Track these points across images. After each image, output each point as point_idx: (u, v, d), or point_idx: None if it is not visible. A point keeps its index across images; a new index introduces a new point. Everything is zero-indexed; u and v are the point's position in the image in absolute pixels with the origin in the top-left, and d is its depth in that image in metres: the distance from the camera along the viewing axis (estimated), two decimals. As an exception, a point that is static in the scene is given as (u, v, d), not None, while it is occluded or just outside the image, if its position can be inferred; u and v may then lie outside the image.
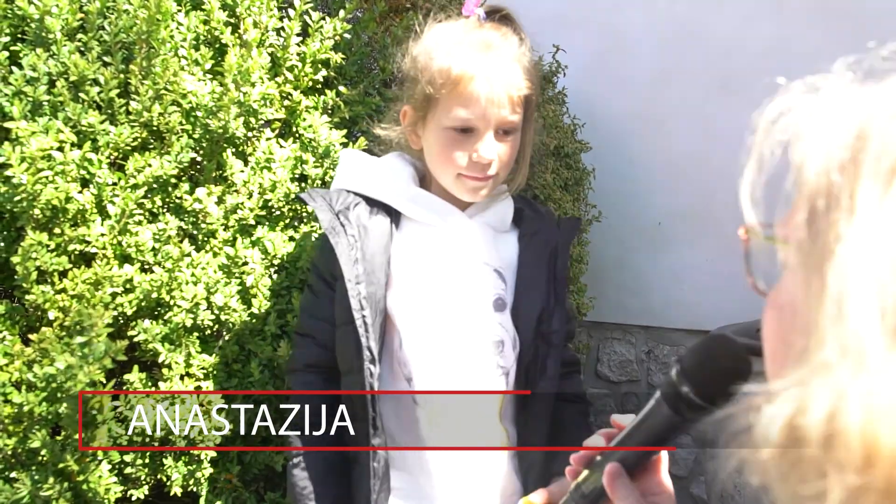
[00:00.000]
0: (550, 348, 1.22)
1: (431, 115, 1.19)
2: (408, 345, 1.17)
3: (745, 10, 2.33)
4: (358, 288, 1.15)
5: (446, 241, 1.22)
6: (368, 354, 1.14)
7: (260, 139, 1.50)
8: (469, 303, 1.20)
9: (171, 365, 1.38)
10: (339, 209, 1.20)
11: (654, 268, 2.52)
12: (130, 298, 1.37)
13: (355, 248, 1.16)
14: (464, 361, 1.18)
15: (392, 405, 1.19)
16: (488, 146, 1.17)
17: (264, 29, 1.52)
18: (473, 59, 1.15)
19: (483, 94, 1.14)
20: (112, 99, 1.39)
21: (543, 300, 1.23)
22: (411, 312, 1.18)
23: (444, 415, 1.16)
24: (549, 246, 1.28)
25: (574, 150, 2.17)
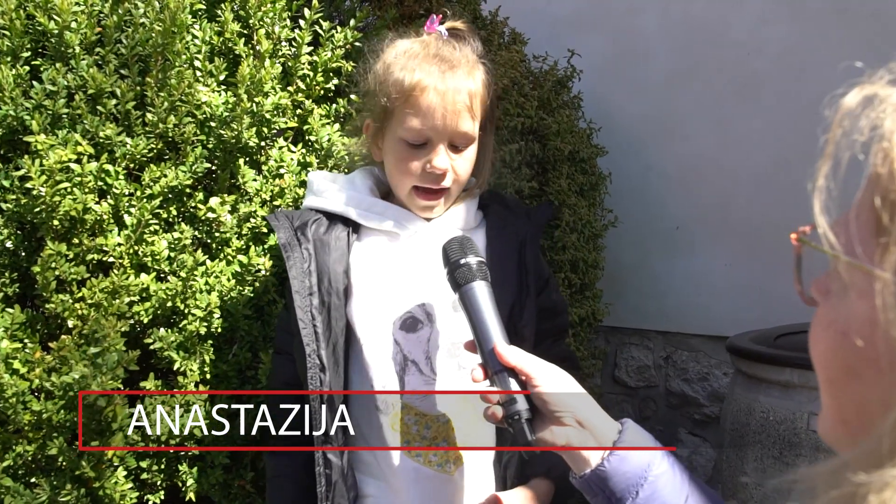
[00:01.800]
0: (522, 343, 1.22)
1: (388, 126, 1.23)
2: (367, 352, 1.18)
3: (762, 11, 2.31)
4: (309, 299, 1.18)
5: (404, 247, 1.24)
6: (317, 361, 1.16)
7: (273, 148, 1.52)
8: (428, 305, 1.21)
9: (185, 372, 1.40)
10: (297, 225, 1.23)
11: (672, 272, 2.50)
12: (146, 307, 1.39)
13: (309, 261, 1.20)
14: (418, 365, 1.19)
15: (364, 412, 1.20)
16: (442, 157, 1.20)
17: (277, 39, 1.54)
18: (426, 71, 1.18)
19: (435, 105, 1.17)
20: (129, 111, 1.41)
21: (513, 294, 1.23)
22: (369, 319, 1.20)
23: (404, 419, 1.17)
24: (518, 238, 1.28)
25: (589, 155, 2.16)
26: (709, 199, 2.40)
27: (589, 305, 2.07)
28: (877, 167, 0.42)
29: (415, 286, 1.21)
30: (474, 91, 1.21)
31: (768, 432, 1.62)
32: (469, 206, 1.30)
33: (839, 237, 0.44)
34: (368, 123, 1.28)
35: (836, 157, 0.43)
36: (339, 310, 1.19)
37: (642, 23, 2.55)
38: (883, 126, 0.42)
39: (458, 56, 1.22)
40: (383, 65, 1.23)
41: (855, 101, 0.43)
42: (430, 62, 1.19)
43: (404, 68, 1.19)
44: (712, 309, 2.42)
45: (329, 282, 1.19)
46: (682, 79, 2.46)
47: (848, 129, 0.43)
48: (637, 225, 2.48)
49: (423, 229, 1.25)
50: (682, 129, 2.45)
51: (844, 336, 0.44)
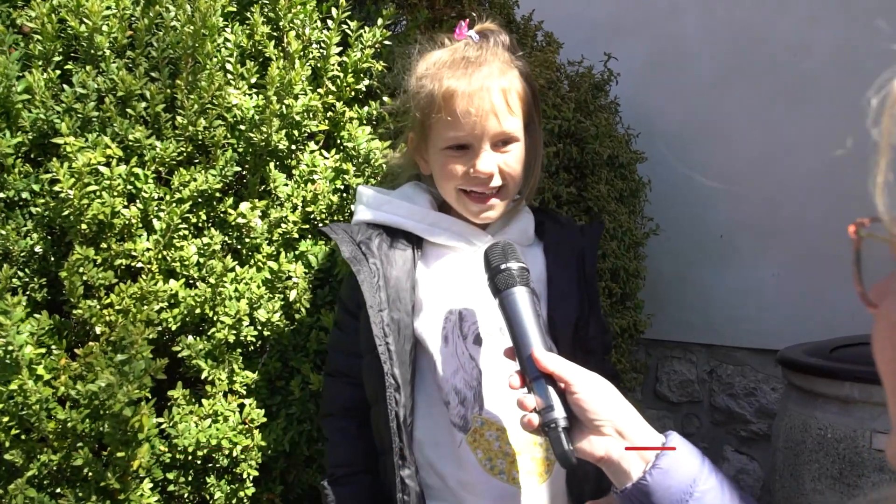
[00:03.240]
0: (589, 356, 1.18)
1: (429, 139, 1.19)
2: (442, 368, 1.13)
3: (810, 10, 2.22)
4: (381, 315, 1.13)
5: (470, 262, 1.19)
6: (392, 381, 1.11)
7: (304, 152, 1.48)
8: (499, 320, 1.15)
9: (214, 381, 1.36)
10: (361, 240, 1.19)
11: (716, 283, 2.40)
12: (175, 313, 1.35)
13: (377, 276, 1.15)
14: (494, 380, 1.13)
15: (430, 432, 1.15)
16: (485, 160, 1.15)
17: (307, 41, 1.51)
18: (452, 77, 1.15)
19: (468, 109, 1.13)
20: (158, 114, 1.39)
21: (577, 308, 1.20)
22: (440, 336, 1.15)
23: (488, 434, 1.11)
24: (575, 252, 1.25)
25: (629, 161, 2.09)
26: (755, 206, 2.30)
27: (630, 316, 1.98)
28: None
29: (482, 301, 1.16)
30: (507, 87, 1.16)
31: (826, 451, 1.51)
32: (528, 222, 1.27)
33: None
34: (411, 138, 1.25)
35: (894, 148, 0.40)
36: (409, 328, 1.15)
37: (683, 25, 2.47)
38: None
39: (485, 55, 1.18)
40: (415, 79, 1.21)
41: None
42: (456, 67, 1.16)
43: (433, 79, 1.16)
44: (759, 321, 2.31)
45: (398, 298, 1.15)
46: (727, 82, 2.37)
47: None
48: (679, 233, 2.39)
49: (488, 243, 1.20)
50: (726, 134, 2.36)
51: None
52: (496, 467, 1.10)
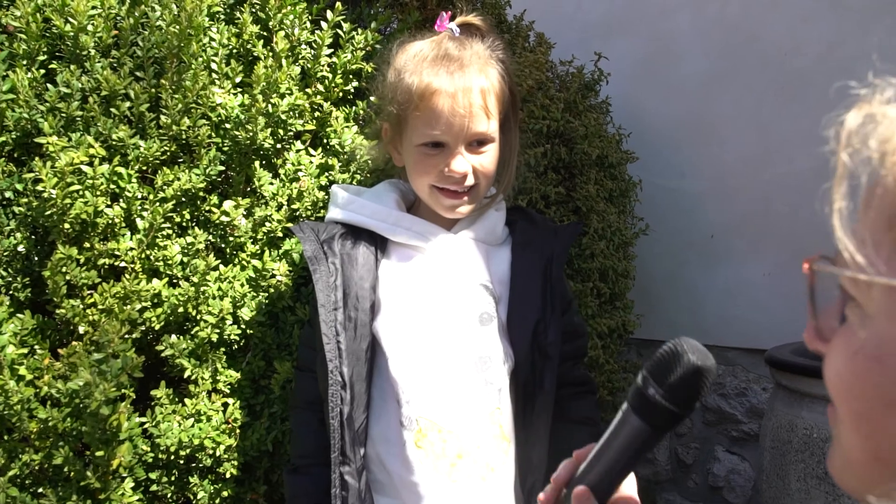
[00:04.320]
0: (547, 361, 1.17)
1: (404, 133, 1.18)
2: (394, 366, 1.13)
3: (801, 9, 2.21)
4: (335, 314, 1.13)
5: (431, 261, 1.19)
6: (339, 379, 1.11)
7: (290, 151, 1.48)
8: (452, 320, 1.16)
9: (197, 381, 1.36)
10: (324, 239, 1.19)
11: (707, 283, 2.39)
12: (158, 313, 1.35)
13: (335, 275, 1.15)
14: (449, 379, 1.13)
15: (382, 429, 1.15)
16: (459, 160, 1.14)
17: (296, 41, 1.50)
18: (433, 74, 1.13)
19: (446, 108, 1.12)
20: (142, 113, 1.39)
21: (538, 312, 1.19)
22: (396, 334, 1.15)
23: (431, 436, 1.11)
24: (545, 256, 1.23)
25: (619, 160, 2.08)
26: (747, 206, 2.30)
27: (619, 316, 1.98)
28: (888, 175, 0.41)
29: (442, 301, 1.17)
30: (487, 88, 1.15)
31: (812, 450, 1.51)
32: (496, 221, 1.25)
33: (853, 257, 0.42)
34: (386, 129, 1.24)
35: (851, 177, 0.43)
36: (366, 326, 1.15)
37: (675, 24, 2.46)
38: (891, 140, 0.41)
39: (467, 53, 1.17)
40: (394, 71, 1.19)
41: (857, 121, 0.43)
42: (438, 64, 1.14)
43: (413, 73, 1.15)
44: (750, 321, 2.31)
45: (356, 297, 1.16)
46: (719, 81, 2.37)
47: (857, 147, 0.43)
48: (670, 233, 2.38)
49: (449, 243, 1.21)
50: (717, 133, 2.35)
51: (878, 362, 0.41)
52: (439, 468, 1.10)
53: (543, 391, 1.17)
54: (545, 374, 1.17)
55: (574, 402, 1.24)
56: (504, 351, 1.17)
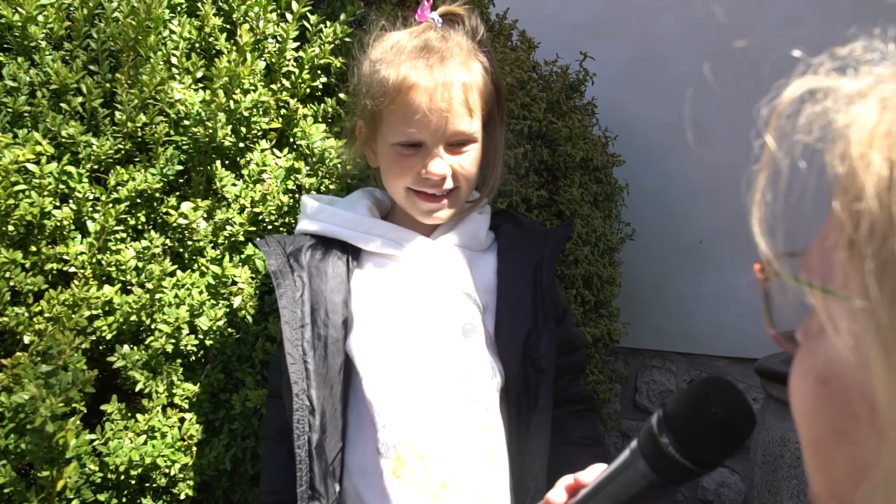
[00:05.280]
0: (541, 375, 1.07)
1: (379, 130, 1.09)
2: (368, 387, 1.03)
3: (789, 10, 2.16)
4: (301, 331, 1.04)
5: (408, 270, 1.10)
6: (307, 403, 1.01)
7: (254, 151, 1.40)
8: (431, 333, 1.06)
9: (151, 395, 1.27)
10: (291, 251, 1.09)
11: (695, 290, 2.32)
12: (110, 321, 1.27)
13: (302, 290, 1.06)
14: (429, 399, 1.03)
15: (358, 458, 1.05)
16: (437, 162, 1.05)
17: (261, 34, 1.43)
18: (411, 67, 1.04)
19: (424, 104, 1.02)
20: (95, 109, 1.30)
21: (529, 321, 1.09)
22: (370, 351, 1.05)
23: (411, 464, 1.00)
24: (534, 261, 1.14)
25: (604, 164, 2.01)
26: (736, 211, 2.21)
27: (604, 325, 1.90)
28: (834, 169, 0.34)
29: (420, 313, 1.07)
30: (469, 83, 1.06)
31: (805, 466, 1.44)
32: (480, 225, 1.16)
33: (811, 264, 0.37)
34: (360, 126, 1.14)
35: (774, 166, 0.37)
36: (338, 344, 1.05)
37: (662, 26, 2.41)
38: (835, 120, 0.34)
39: (448, 45, 1.07)
40: (369, 62, 1.10)
41: (794, 96, 0.36)
42: (416, 56, 1.05)
43: (389, 65, 1.05)
44: (740, 329, 2.24)
45: (326, 313, 1.06)
46: (705, 83, 2.31)
47: (788, 131, 0.36)
48: (657, 239, 2.32)
49: (428, 250, 1.11)
50: (705, 137, 2.29)
51: (826, 385, 0.36)
52: (421, 500, 0.99)
53: (538, 409, 1.07)
54: (540, 390, 1.07)
55: (574, 421, 1.14)
56: (491, 365, 1.07)
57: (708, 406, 0.53)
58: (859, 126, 0.33)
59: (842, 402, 0.34)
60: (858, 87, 0.34)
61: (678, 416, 0.54)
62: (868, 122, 0.32)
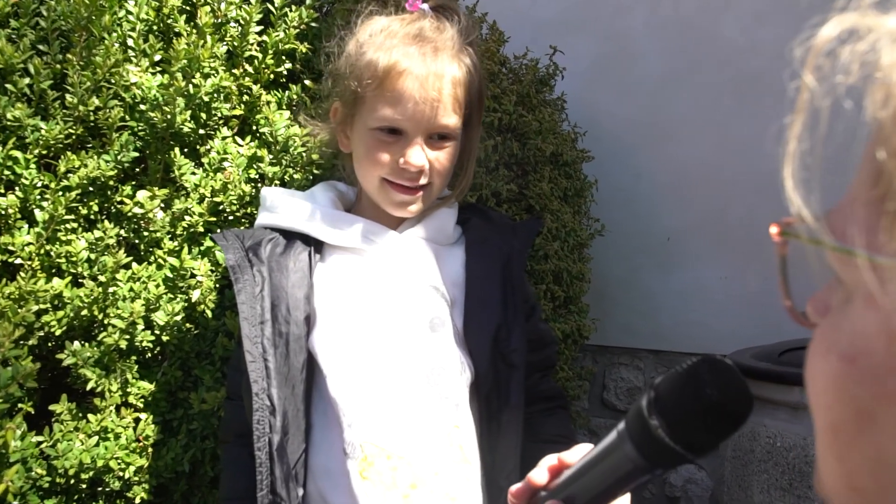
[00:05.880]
0: (512, 370, 1.04)
1: (358, 114, 1.05)
2: (333, 385, 0.99)
3: (756, 8, 2.17)
4: (260, 328, 0.99)
5: (373, 264, 1.06)
6: (267, 403, 0.96)
7: (215, 138, 1.34)
8: (398, 328, 1.03)
9: (104, 393, 1.20)
10: (250, 245, 1.04)
11: (663, 287, 2.32)
12: (59, 316, 1.19)
13: (262, 285, 1.01)
14: (396, 396, 0.99)
15: (323, 459, 1.01)
16: (417, 152, 1.02)
17: (223, 17, 1.37)
18: (403, 53, 1.01)
19: (413, 92, 1.00)
20: (44, 91, 1.23)
21: (498, 316, 1.06)
22: (334, 348, 1.01)
23: (379, 464, 0.96)
24: (503, 255, 1.11)
25: (574, 159, 1.99)
26: (703, 207, 2.24)
27: (574, 321, 1.88)
28: (876, 112, 0.30)
29: (386, 307, 1.03)
30: (459, 79, 1.03)
31: (776, 460, 1.43)
32: (447, 218, 1.12)
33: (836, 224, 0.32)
34: (336, 108, 1.09)
35: (812, 110, 0.33)
36: (300, 341, 1.00)
37: (631, 23, 2.40)
38: (879, 61, 0.30)
39: (443, 37, 1.04)
40: (356, 43, 1.06)
41: (833, 34, 0.32)
42: (409, 42, 1.02)
43: (379, 48, 1.02)
44: (708, 325, 2.24)
45: (287, 309, 1.01)
46: (674, 80, 2.31)
47: (827, 71, 0.32)
48: (626, 235, 2.31)
49: (394, 243, 1.07)
50: (674, 134, 2.29)
51: (851, 363, 0.31)
52: (390, 501, 0.95)
53: (510, 406, 1.04)
54: (511, 386, 1.04)
55: (544, 419, 1.12)
56: (460, 360, 1.04)
57: (702, 387, 0.50)
58: None
59: (870, 382, 0.30)
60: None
61: (670, 396, 0.51)
62: None
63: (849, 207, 0.32)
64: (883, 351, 0.29)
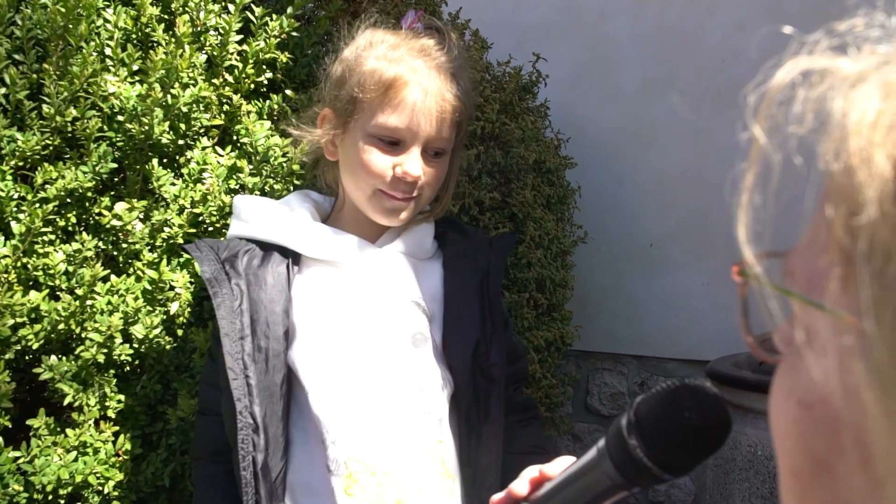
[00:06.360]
0: (492, 385, 1.05)
1: (355, 120, 1.04)
2: (315, 401, 0.98)
3: (738, 16, 2.19)
4: (241, 343, 0.98)
5: (354, 278, 1.05)
6: (250, 421, 0.96)
7: (195, 148, 1.33)
8: (380, 343, 1.02)
9: (82, 408, 1.19)
10: (226, 257, 1.03)
11: (646, 293, 2.34)
12: (36, 329, 1.18)
13: (240, 299, 1.00)
14: (381, 412, 0.99)
15: (304, 476, 1.00)
16: (415, 163, 1.02)
17: (202, 26, 1.36)
18: (409, 64, 1.02)
19: (416, 102, 1.01)
20: (20, 101, 1.22)
21: (477, 330, 1.07)
22: (316, 363, 1.00)
23: (364, 481, 0.96)
24: (480, 269, 1.12)
25: (557, 166, 2.00)
26: (686, 214, 2.25)
27: (557, 328, 1.89)
28: (828, 165, 0.30)
29: (368, 322, 1.03)
30: (458, 97, 1.05)
31: (757, 469, 1.44)
32: (426, 233, 1.13)
33: (795, 270, 0.33)
34: (326, 114, 1.08)
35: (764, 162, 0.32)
36: (279, 357, 0.99)
37: (614, 30, 2.41)
38: (831, 108, 0.30)
39: (447, 57, 1.06)
40: (355, 50, 1.05)
41: (786, 81, 0.32)
42: (415, 55, 1.03)
43: (383, 58, 1.02)
44: (690, 331, 2.26)
45: (266, 324, 0.99)
46: (657, 87, 2.32)
47: (780, 121, 0.32)
48: (609, 242, 2.32)
49: (374, 257, 1.07)
50: (656, 140, 2.31)
51: (808, 410, 0.31)
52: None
53: (490, 419, 1.05)
54: (491, 400, 1.05)
55: (519, 430, 1.12)
56: (441, 375, 1.04)
57: (681, 410, 0.50)
58: (858, 115, 0.28)
59: (826, 432, 0.30)
60: (858, 69, 0.30)
61: (649, 418, 0.51)
62: (869, 110, 0.28)
63: (806, 253, 0.32)
64: (836, 402, 0.29)
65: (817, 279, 0.31)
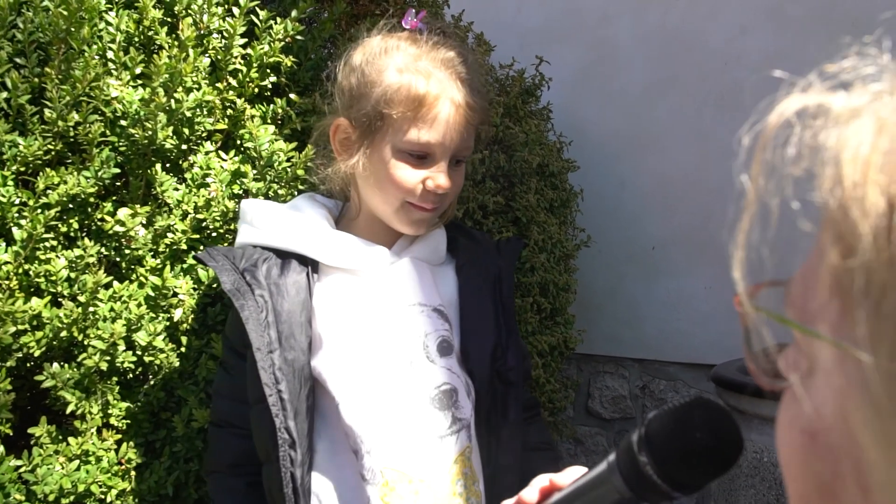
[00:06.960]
0: (509, 388, 1.06)
1: (380, 135, 1.02)
2: (347, 412, 0.97)
3: (741, 19, 2.18)
4: (271, 357, 0.96)
5: (375, 285, 1.05)
6: (287, 437, 0.95)
7: (198, 153, 1.31)
8: (408, 352, 1.02)
9: (84, 416, 1.17)
10: (245, 267, 1.01)
11: (648, 296, 2.33)
12: (38, 337, 1.16)
13: (266, 311, 0.98)
14: (414, 420, 0.98)
15: (332, 487, 0.99)
16: (444, 174, 1.03)
17: (205, 29, 1.34)
18: (436, 77, 1.01)
19: (448, 117, 1.01)
20: (22, 106, 1.20)
21: (495, 335, 1.07)
22: (344, 373, 0.99)
23: (401, 489, 0.96)
24: (491, 273, 1.12)
25: (560, 170, 1.99)
26: (688, 217, 2.25)
27: (560, 333, 1.88)
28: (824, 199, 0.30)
29: (394, 331, 1.02)
30: (479, 105, 1.06)
31: (762, 475, 1.44)
32: (439, 238, 1.13)
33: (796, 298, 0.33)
34: (340, 125, 1.05)
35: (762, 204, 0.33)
36: (305, 369, 0.98)
37: (616, 33, 2.41)
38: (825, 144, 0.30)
39: (468, 67, 1.06)
40: (367, 57, 1.03)
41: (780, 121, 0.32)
42: (440, 66, 1.02)
43: (408, 70, 1.01)
44: (692, 335, 2.25)
45: (292, 335, 0.98)
46: (659, 90, 2.32)
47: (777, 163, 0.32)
48: (611, 245, 2.31)
49: (395, 264, 1.07)
50: (659, 143, 2.30)
51: (812, 439, 0.32)
52: None
53: (509, 422, 1.06)
54: (509, 403, 1.06)
55: (527, 427, 1.14)
56: (465, 381, 1.05)
57: (692, 430, 0.50)
58: (852, 151, 0.29)
59: (830, 460, 0.30)
60: (852, 105, 0.31)
61: (660, 435, 0.51)
62: (862, 145, 0.28)
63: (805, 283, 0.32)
64: (839, 431, 0.29)
65: (816, 309, 0.31)
